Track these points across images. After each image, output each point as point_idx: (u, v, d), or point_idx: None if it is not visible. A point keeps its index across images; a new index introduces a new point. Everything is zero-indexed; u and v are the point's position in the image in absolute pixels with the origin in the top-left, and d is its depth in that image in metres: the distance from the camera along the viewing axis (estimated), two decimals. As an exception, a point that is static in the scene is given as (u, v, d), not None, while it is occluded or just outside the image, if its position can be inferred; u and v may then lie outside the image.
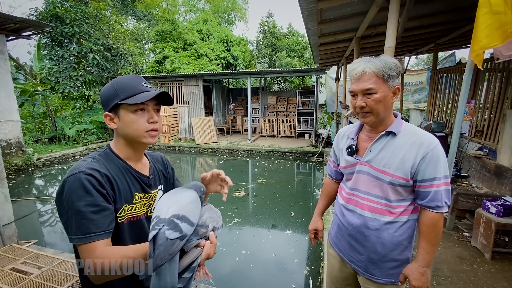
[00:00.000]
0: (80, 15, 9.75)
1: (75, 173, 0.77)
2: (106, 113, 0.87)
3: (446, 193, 1.03)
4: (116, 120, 0.86)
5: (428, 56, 17.82)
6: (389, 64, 1.02)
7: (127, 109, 0.84)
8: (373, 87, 1.03)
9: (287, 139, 11.05)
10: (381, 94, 1.03)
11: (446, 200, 1.03)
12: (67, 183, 0.76)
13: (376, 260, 1.15)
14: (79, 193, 0.74)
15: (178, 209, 0.72)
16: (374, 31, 4.14)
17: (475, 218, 2.85)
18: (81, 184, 0.75)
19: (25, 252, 2.62)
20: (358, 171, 1.17)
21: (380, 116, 1.07)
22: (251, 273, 3.12)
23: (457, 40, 5.30)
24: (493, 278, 2.40)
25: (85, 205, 0.74)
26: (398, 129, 1.08)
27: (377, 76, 1.02)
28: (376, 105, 1.05)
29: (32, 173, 7.25)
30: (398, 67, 1.04)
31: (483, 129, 3.91)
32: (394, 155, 1.07)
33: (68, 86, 9.65)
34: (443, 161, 1.04)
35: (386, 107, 1.06)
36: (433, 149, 1.03)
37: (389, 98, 1.05)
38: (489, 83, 4.00)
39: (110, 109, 0.85)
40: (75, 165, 0.81)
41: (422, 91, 8.82)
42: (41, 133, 10.46)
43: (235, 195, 5.44)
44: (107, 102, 0.85)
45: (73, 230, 0.74)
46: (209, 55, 13.77)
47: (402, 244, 1.11)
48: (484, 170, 3.53)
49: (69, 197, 0.74)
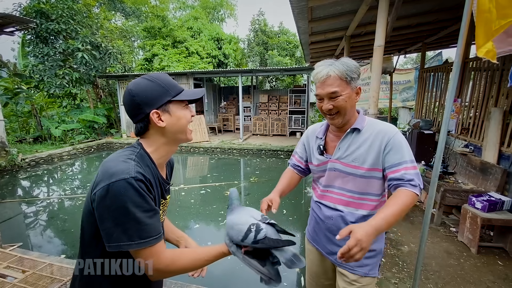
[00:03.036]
0: (67, 11, 9.47)
1: (124, 178, 0.71)
2: (153, 112, 0.81)
3: (417, 175, 1.03)
4: (166, 116, 0.83)
5: (417, 55, 18.17)
6: (351, 67, 1.07)
7: (178, 106, 0.85)
8: (337, 90, 1.07)
9: (279, 137, 11.07)
10: (346, 95, 1.08)
11: (419, 182, 1.03)
12: (117, 188, 0.70)
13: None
14: (134, 200, 0.71)
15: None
16: (364, 30, 4.18)
17: (462, 214, 2.92)
18: (134, 190, 0.72)
19: (9, 256, 2.53)
20: (330, 168, 1.21)
21: (346, 116, 1.13)
22: (244, 271, 3.11)
23: (444, 40, 5.42)
24: (479, 271, 2.46)
25: (142, 211, 0.73)
26: (361, 125, 1.15)
27: (341, 79, 1.06)
28: (343, 106, 1.10)
29: (16, 174, 7.02)
30: (358, 69, 1.09)
31: (468, 126, 4.01)
32: (361, 149, 1.12)
33: (54, 85, 9.37)
34: (406, 147, 1.09)
35: (351, 107, 1.12)
36: (394, 136, 1.09)
37: (353, 98, 1.11)
38: (474, 82, 4.11)
39: (160, 107, 0.82)
40: (118, 167, 0.74)
41: (410, 90, 8.98)
42: (25, 132, 10.15)
43: (227, 194, 5.40)
44: (154, 100, 0.81)
45: (128, 236, 0.71)
46: (200, 53, 13.63)
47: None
48: (469, 167, 3.62)
49: (121, 203, 0.70)
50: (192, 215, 4.60)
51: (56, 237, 4.08)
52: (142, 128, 0.84)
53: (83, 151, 9.51)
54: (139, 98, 0.81)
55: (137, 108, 0.82)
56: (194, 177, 7.38)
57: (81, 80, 10.18)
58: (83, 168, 8.18)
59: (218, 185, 6.00)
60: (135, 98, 0.81)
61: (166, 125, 0.83)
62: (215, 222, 4.28)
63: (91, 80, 10.59)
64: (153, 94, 0.82)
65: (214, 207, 4.83)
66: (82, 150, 9.51)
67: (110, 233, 0.71)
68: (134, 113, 0.83)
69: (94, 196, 0.72)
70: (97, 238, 0.77)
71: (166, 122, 0.83)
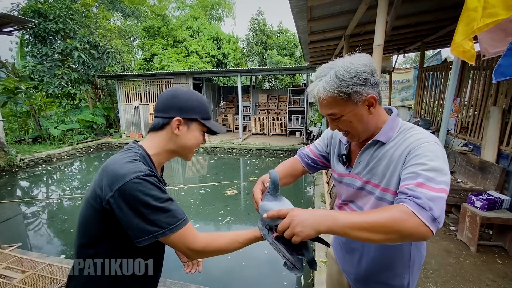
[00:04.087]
0: (65, 11, 9.44)
1: (137, 175, 0.74)
2: (178, 118, 0.86)
3: (433, 199, 0.69)
4: (183, 129, 0.88)
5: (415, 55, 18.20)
6: (346, 78, 0.79)
7: (198, 127, 0.92)
8: (335, 112, 0.84)
9: (278, 137, 11.08)
10: (349, 115, 0.84)
11: (432, 207, 0.68)
12: (133, 186, 0.73)
13: (364, 279, 1.03)
14: (152, 193, 0.75)
15: None
16: (363, 29, 4.19)
17: (461, 212, 2.93)
18: (150, 184, 0.75)
19: (8, 256, 2.52)
20: (348, 184, 1.01)
21: (361, 134, 0.90)
22: (243, 271, 3.12)
23: (443, 39, 5.43)
24: (478, 270, 2.47)
25: (163, 201, 0.76)
26: (387, 135, 0.88)
27: (336, 99, 0.81)
28: (348, 126, 0.88)
29: (15, 175, 7.01)
30: (360, 74, 0.79)
31: (468, 125, 4.01)
32: (381, 164, 0.88)
33: (53, 86, 9.35)
34: (443, 163, 0.76)
35: (363, 123, 0.87)
36: (422, 144, 0.79)
37: (363, 113, 0.85)
38: (473, 81, 4.11)
39: (185, 118, 0.88)
40: (128, 168, 0.75)
41: (409, 89, 9.01)
42: (24, 132, 10.11)
43: (227, 193, 5.41)
44: (184, 110, 0.88)
45: (159, 226, 0.75)
46: (199, 52, 13.62)
47: (394, 266, 0.96)
48: (469, 166, 3.63)
49: (142, 199, 0.73)
50: (192, 215, 4.60)
51: (56, 237, 4.07)
52: (159, 124, 0.88)
53: (82, 151, 9.49)
54: (176, 101, 0.87)
55: (167, 107, 0.87)
56: (194, 176, 7.37)
57: (80, 80, 10.15)
58: (82, 168, 8.16)
59: (217, 184, 6.00)
60: (174, 99, 0.87)
61: (179, 135, 0.88)
62: (215, 221, 4.28)
63: (90, 80, 10.57)
64: (188, 105, 0.88)
65: (214, 207, 4.83)
66: (81, 150, 9.49)
67: (140, 228, 0.74)
68: (163, 109, 0.88)
69: (111, 200, 0.73)
70: (107, 237, 0.80)
71: (181, 133, 0.88)
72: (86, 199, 0.81)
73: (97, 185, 0.78)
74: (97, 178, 0.79)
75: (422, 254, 1.00)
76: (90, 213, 0.79)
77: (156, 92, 11.08)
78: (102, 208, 0.76)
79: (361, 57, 0.83)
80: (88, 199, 0.80)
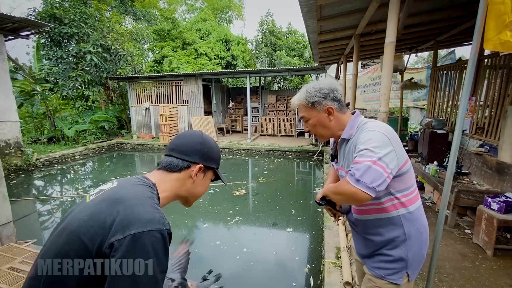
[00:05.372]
0: (79, 15, 9.72)
1: (161, 229, 0.64)
2: (200, 165, 0.87)
3: (361, 167, 0.95)
4: (200, 176, 0.89)
5: (428, 54, 17.81)
6: (310, 92, 1.14)
7: (210, 176, 0.94)
8: (304, 115, 1.19)
9: (287, 138, 11.03)
10: (314, 119, 1.17)
11: (356, 172, 0.95)
12: (151, 238, 0.62)
13: (368, 254, 1.22)
14: (161, 257, 0.63)
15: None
16: (374, 28, 4.13)
17: (477, 215, 2.83)
18: (164, 245, 0.65)
19: (24, 251, 2.60)
20: (341, 175, 1.26)
21: (325, 135, 1.21)
22: (252, 271, 3.11)
23: (457, 37, 5.29)
24: (495, 275, 2.38)
25: (162, 271, 0.64)
26: (349, 133, 1.14)
27: (305, 106, 1.17)
28: (314, 129, 1.20)
29: (31, 173, 7.23)
30: (321, 90, 1.13)
31: (484, 125, 3.89)
32: (350, 156, 1.12)
33: (67, 88, 9.63)
34: (377, 142, 0.99)
35: (326, 127, 1.18)
36: (364, 133, 1.05)
37: (324, 119, 1.16)
38: (489, 80, 3.98)
39: (206, 165, 0.89)
40: (154, 215, 0.66)
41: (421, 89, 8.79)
42: (40, 133, 10.43)
43: (235, 193, 5.42)
44: (210, 158, 0.90)
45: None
46: (209, 54, 13.74)
47: (393, 241, 1.13)
48: (485, 167, 3.51)
49: (149, 257, 0.61)
50: (201, 214, 4.62)
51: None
52: (177, 166, 0.84)
53: (94, 151, 9.71)
54: (203, 147, 0.88)
55: (193, 151, 0.86)
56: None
57: (93, 82, 10.41)
58: (95, 168, 8.34)
59: (226, 184, 6.02)
60: (201, 145, 0.88)
61: (195, 182, 0.88)
62: (224, 221, 4.29)
63: (103, 82, 10.82)
64: (213, 154, 0.91)
65: (223, 207, 4.84)
66: (94, 150, 9.71)
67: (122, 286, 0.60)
68: (185, 151, 0.86)
69: (116, 243, 0.60)
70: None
71: (197, 181, 0.88)
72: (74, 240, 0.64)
73: (98, 219, 0.64)
74: (99, 209, 0.66)
75: (420, 231, 1.14)
76: (73, 255, 0.63)
77: (166, 94, 11.25)
78: (95, 251, 0.61)
79: (326, 80, 1.20)
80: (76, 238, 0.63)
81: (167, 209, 2.70)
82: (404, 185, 1.10)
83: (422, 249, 1.16)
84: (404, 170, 1.08)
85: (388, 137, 1.02)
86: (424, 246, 1.16)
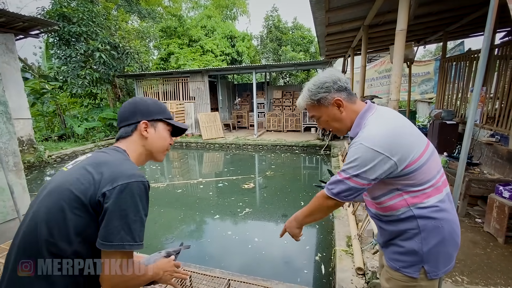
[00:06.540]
0: (87, 14, 9.84)
1: (142, 180, 0.79)
2: (145, 121, 0.94)
3: (333, 181, 1.06)
4: (151, 130, 0.96)
5: (436, 47, 17.55)
6: (312, 91, 1.10)
7: (164, 127, 0.99)
8: (314, 114, 1.16)
9: (293, 133, 11.04)
10: (324, 115, 1.13)
11: (329, 187, 1.08)
12: (135, 188, 0.77)
13: (384, 243, 1.22)
14: (144, 203, 0.79)
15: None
16: (382, 19, 4.11)
17: (488, 203, 2.84)
18: (146, 194, 0.80)
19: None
20: None
21: (340, 129, 1.16)
22: (264, 259, 3.17)
23: (466, 28, 5.23)
24: (506, 261, 2.40)
25: (144, 215, 0.79)
26: (355, 132, 1.10)
27: (311, 105, 1.13)
28: (328, 125, 1.17)
29: (44, 170, 7.41)
30: (323, 85, 1.09)
31: (494, 115, 3.86)
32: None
33: (76, 86, 9.79)
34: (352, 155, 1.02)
35: (339, 120, 1.13)
36: (353, 145, 1.04)
37: (335, 113, 1.12)
38: (499, 71, 3.95)
39: (150, 120, 0.96)
40: (134, 170, 0.81)
41: (429, 82, 8.70)
42: (50, 131, 10.64)
43: (244, 187, 5.48)
44: (149, 113, 0.96)
45: (132, 236, 0.75)
46: (214, 51, 13.78)
47: (405, 232, 1.08)
48: (496, 157, 3.50)
49: (135, 202, 0.76)
50: (211, 207, 4.70)
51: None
52: (127, 132, 0.94)
53: (104, 148, 9.88)
54: (139, 107, 0.95)
55: (132, 114, 0.95)
56: (211, 171, 7.51)
57: (101, 80, 10.56)
58: (105, 164, 8.50)
59: (235, 178, 6.09)
60: (135, 106, 0.95)
61: (148, 137, 0.95)
62: (234, 212, 4.36)
63: (110, 79, 10.96)
64: (150, 108, 0.97)
65: (232, 199, 4.92)
66: (103, 147, 9.85)
67: (116, 231, 0.73)
68: (127, 117, 0.95)
69: (107, 193, 0.74)
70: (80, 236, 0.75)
71: (150, 135, 0.95)
72: (62, 190, 0.77)
73: (85, 178, 0.77)
74: (84, 172, 0.78)
75: (440, 225, 1.04)
76: (73, 207, 0.75)
77: (173, 91, 11.34)
78: (89, 202, 0.74)
79: (326, 72, 1.13)
80: (67, 194, 0.75)
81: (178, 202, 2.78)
82: (418, 181, 1.02)
83: (446, 246, 1.05)
84: (415, 167, 1.00)
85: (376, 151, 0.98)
86: (448, 243, 1.05)
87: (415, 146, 1.02)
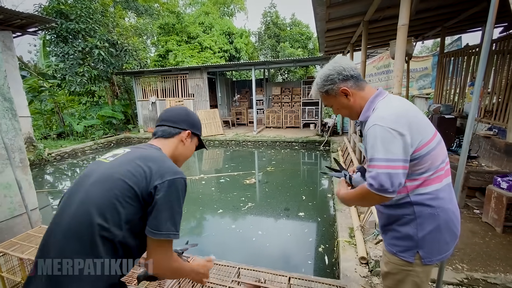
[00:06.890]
0: (85, 11, 9.76)
1: (184, 177, 0.89)
2: (190, 132, 1.09)
3: (374, 176, 0.99)
4: (188, 141, 1.10)
5: (433, 43, 17.63)
6: (319, 84, 1.18)
7: (196, 141, 1.16)
8: (326, 103, 1.24)
9: (293, 129, 11.09)
10: (335, 104, 1.21)
11: (373, 183, 1.00)
12: (180, 183, 0.87)
13: (383, 228, 1.27)
14: (183, 198, 0.89)
15: None
16: (382, 14, 4.15)
17: (486, 194, 2.91)
18: (185, 190, 0.90)
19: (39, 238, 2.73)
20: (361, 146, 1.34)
21: (351, 115, 1.22)
22: (268, 251, 3.24)
23: (464, 24, 5.28)
24: (505, 249, 2.48)
25: (182, 208, 0.90)
26: (365, 116, 1.12)
27: (322, 96, 1.22)
28: (340, 112, 1.24)
29: (44, 168, 7.41)
30: (327, 78, 1.15)
31: (492, 109, 3.93)
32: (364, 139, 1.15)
33: (75, 83, 9.74)
34: (380, 142, 1.00)
35: (348, 108, 1.19)
36: (369, 129, 1.04)
37: (343, 101, 1.17)
38: (497, 66, 4.01)
39: (193, 132, 1.11)
40: (177, 168, 0.91)
41: (427, 77, 8.77)
42: (49, 129, 10.60)
43: (246, 182, 5.54)
44: (194, 126, 1.12)
45: (175, 227, 0.85)
46: (213, 47, 13.74)
47: (402, 217, 1.12)
48: (494, 149, 3.58)
49: (179, 197, 0.87)
50: (214, 201, 4.76)
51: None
52: (170, 133, 1.05)
53: (103, 146, 9.88)
54: (190, 118, 1.11)
55: (182, 121, 1.08)
56: (212, 167, 7.56)
57: (99, 77, 10.51)
58: (105, 162, 8.51)
59: (236, 174, 6.14)
60: (187, 115, 1.10)
61: (185, 145, 1.09)
62: (237, 207, 4.41)
63: (109, 77, 10.91)
64: (196, 123, 1.13)
65: (235, 194, 4.97)
66: (103, 144, 9.88)
67: (163, 222, 0.83)
68: (176, 121, 1.07)
69: (159, 186, 0.83)
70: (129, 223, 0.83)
71: (187, 143, 1.09)
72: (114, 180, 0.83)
73: (137, 171, 0.84)
74: (135, 165, 0.86)
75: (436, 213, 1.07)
76: (127, 198, 0.81)
77: (172, 88, 11.32)
78: (141, 193, 0.82)
79: (330, 63, 1.17)
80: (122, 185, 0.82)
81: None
82: (422, 168, 1.05)
83: (442, 233, 1.09)
84: (422, 152, 1.03)
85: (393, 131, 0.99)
86: (444, 231, 1.09)
87: (424, 132, 1.04)
